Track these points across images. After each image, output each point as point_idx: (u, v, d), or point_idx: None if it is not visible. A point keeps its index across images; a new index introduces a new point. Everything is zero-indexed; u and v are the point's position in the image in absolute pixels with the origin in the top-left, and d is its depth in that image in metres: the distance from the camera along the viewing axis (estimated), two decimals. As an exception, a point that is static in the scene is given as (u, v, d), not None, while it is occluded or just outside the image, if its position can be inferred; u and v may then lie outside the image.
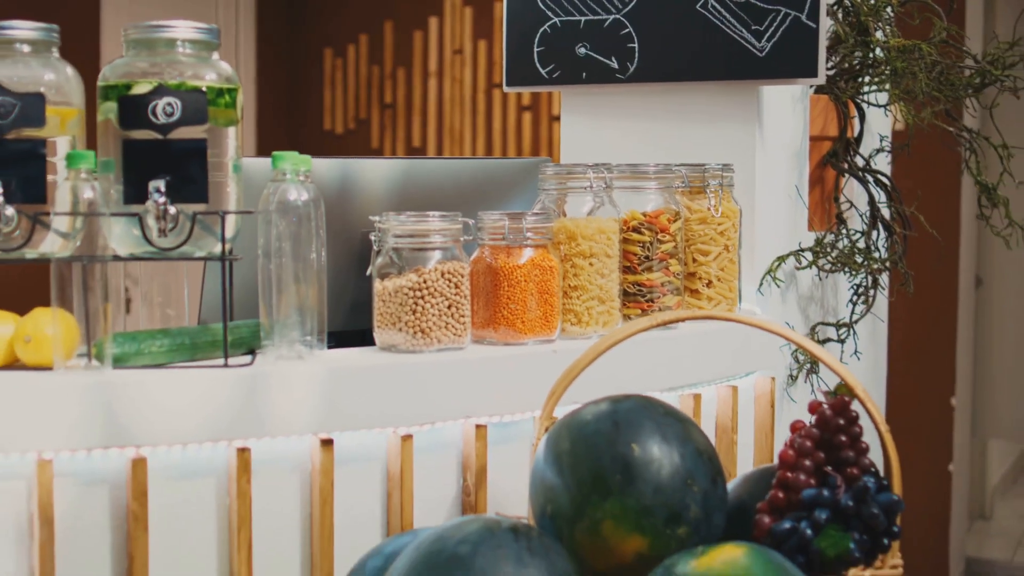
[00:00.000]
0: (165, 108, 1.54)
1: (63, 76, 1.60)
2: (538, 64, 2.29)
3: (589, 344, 1.54)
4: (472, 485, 1.71)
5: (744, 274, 2.17)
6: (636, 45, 2.22)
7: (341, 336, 1.83)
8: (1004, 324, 5.67)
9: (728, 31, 2.15)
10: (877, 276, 2.41)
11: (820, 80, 2.13)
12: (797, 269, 2.34)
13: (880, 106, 2.51)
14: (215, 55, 1.62)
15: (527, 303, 1.76)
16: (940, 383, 4.69)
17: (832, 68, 2.38)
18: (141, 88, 1.55)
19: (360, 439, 1.64)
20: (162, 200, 1.54)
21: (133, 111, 1.55)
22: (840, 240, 2.40)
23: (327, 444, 1.59)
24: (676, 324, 1.96)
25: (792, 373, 2.29)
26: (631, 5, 2.21)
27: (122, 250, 1.57)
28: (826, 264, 2.35)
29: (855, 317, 2.42)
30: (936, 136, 2.44)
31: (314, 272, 1.61)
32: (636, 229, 1.92)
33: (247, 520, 1.54)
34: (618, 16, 2.22)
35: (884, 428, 1.46)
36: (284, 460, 1.59)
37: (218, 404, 1.52)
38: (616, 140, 2.31)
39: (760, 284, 2.22)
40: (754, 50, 2.14)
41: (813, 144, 2.39)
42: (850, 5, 2.35)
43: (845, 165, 2.44)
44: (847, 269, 2.36)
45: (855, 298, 2.42)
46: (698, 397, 1.92)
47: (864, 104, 2.44)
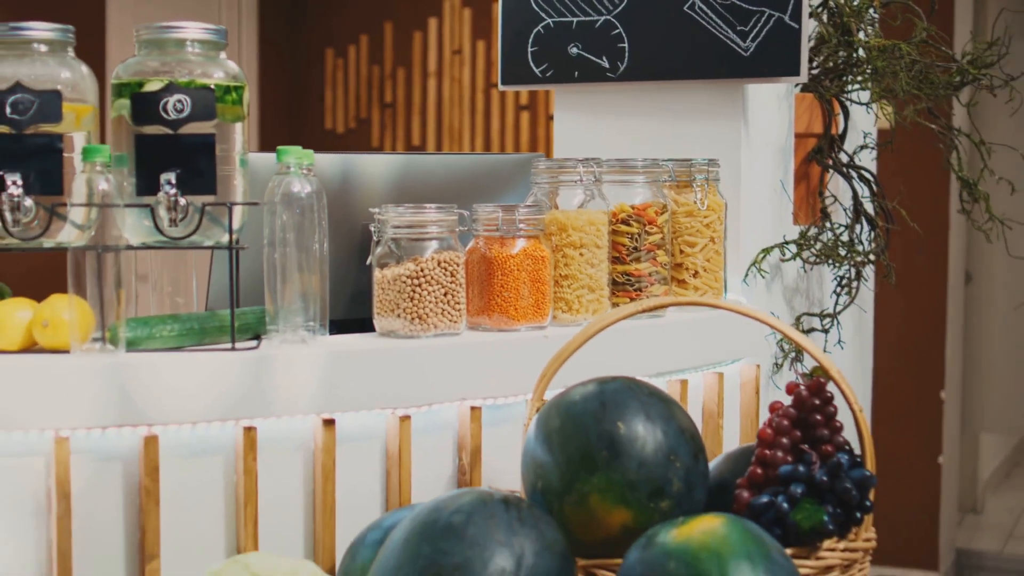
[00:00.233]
0: (175, 105, 1.59)
1: (79, 74, 1.64)
2: (532, 64, 2.33)
3: (579, 330, 1.60)
4: (467, 464, 1.75)
5: (730, 265, 2.21)
6: (626, 45, 2.25)
7: (342, 324, 1.85)
8: (993, 319, 5.68)
9: (714, 31, 2.19)
10: (860, 268, 2.46)
11: (803, 79, 2.16)
12: (782, 261, 2.38)
13: (863, 104, 2.55)
14: (223, 54, 1.66)
15: (520, 291, 1.81)
16: (930, 377, 4.73)
17: (817, 67, 2.41)
18: (153, 86, 1.59)
19: (361, 420, 1.68)
20: (173, 192, 1.58)
21: (145, 108, 1.59)
22: (824, 233, 2.45)
23: (329, 424, 1.63)
24: (664, 312, 2.01)
25: (777, 361, 2.33)
26: (621, 7, 2.25)
27: (135, 239, 1.61)
28: (810, 256, 2.39)
29: (839, 308, 2.47)
30: (920, 134, 2.49)
31: (317, 261, 1.65)
32: (625, 221, 1.96)
33: (253, 495, 1.58)
34: (609, 17, 2.26)
35: (858, 407, 1.52)
36: (288, 439, 1.63)
37: (226, 386, 1.56)
38: (607, 136, 2.34)
39: (745, 275, 2.26)
40: (739, 50, 2.17)
41: (799, 141, 2.43)
42: (834, 6, 2.39)
43: (830, 161, 2.48)
44: (831, 261, 2.41)
45: (839, 289, 2.48)
46: (685, 383, 1.96)
47: (848, 102, 2.48)
